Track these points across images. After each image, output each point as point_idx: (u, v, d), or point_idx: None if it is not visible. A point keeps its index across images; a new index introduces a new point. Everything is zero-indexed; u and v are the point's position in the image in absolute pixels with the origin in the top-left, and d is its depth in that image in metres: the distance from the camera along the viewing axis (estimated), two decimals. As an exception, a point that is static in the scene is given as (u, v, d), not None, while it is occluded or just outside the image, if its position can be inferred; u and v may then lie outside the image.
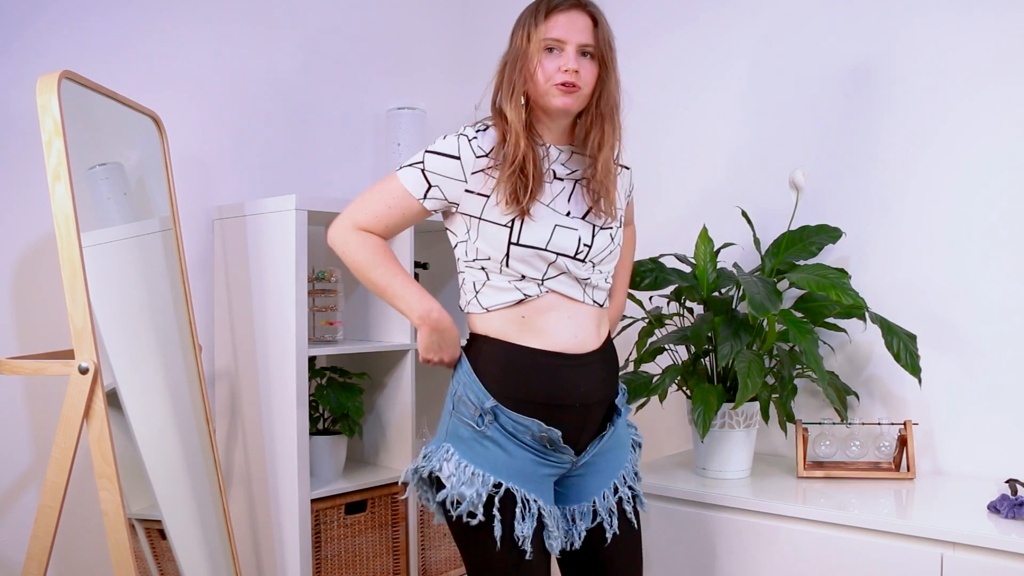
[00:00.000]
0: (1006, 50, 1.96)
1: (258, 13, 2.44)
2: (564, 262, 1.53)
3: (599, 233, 1.57)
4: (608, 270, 1.62)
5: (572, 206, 1.57)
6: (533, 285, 1.53)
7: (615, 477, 1.61)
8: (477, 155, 1.53)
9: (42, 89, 1.53)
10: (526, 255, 1.52)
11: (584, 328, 1.56)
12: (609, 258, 1.60)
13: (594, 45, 1.53)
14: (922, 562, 1.60)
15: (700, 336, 1.95)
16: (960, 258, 2.02)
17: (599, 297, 1.60)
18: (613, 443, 1.61)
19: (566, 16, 1.51)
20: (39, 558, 1.53)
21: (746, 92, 2.35)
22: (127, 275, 1.85)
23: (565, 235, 1.53)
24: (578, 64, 1.51)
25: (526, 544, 1.48)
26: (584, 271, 1.55)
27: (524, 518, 1.48)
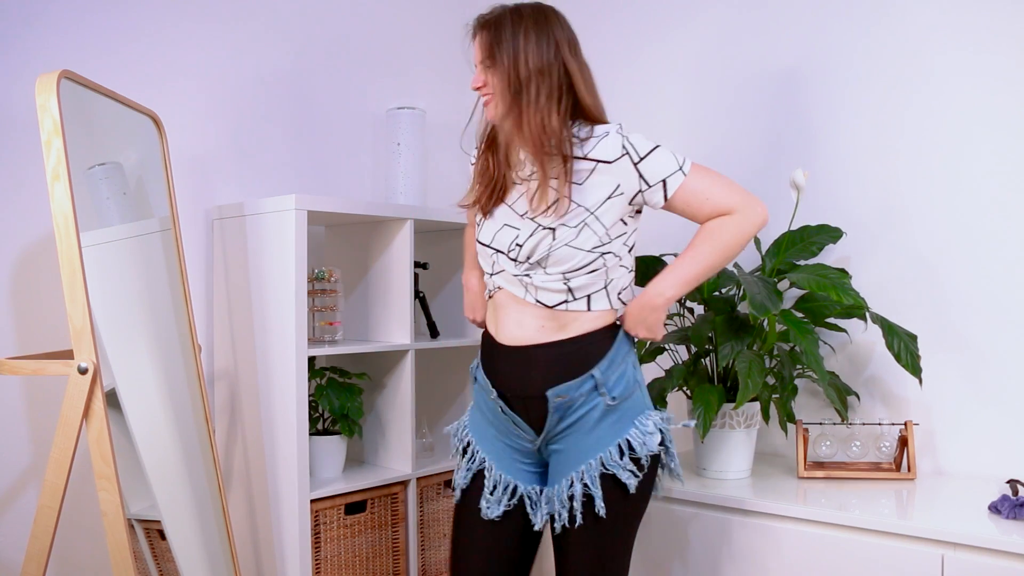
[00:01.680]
0: (1008, 50, 1.95)
1: (258, 13, 2.43)
2: (500, 259, 1.63)
3: (537, 232, 1.58)
4: (561, 271, 1.57)
5: (531, 205, 1.62)
6: (490, 280, 1.67)
7: (575, 470, 1.57)
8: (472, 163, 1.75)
9: (41, 89, 1.53)
10: (480, 250, 1.68)
11: (526, 326, 1.60)
12: (556, 259, 1.56)
13: (487, 54, 1.61)
14: (923, 563, 1.60)
15: (700, 336, 1.95)
16: (961, 258, 2.02)
17: (547, 298, 1.58)
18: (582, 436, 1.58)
19: (471, 44, 1.65)
20: (38, 558, 1.53)
21: (746, 91, 2.35)
22: (126, 275, 1.85)
23: (506, 233, 1.62)
24: (479, 79, 1.62)
25: (457, 491, 1.68)
26: (518, 269, 1.60)
27: (464, 469, 1.68)
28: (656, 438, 1.58)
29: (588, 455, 1.57)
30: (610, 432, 1.57)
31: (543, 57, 1.57)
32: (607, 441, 1.57)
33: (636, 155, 1.57)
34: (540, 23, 1.59)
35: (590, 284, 1.58)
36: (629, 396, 1.59)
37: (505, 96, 1.58)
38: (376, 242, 2.40)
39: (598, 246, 1.57)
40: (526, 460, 1.66)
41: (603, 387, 1.57)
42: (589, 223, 1.56)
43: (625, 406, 1.59)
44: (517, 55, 1.57)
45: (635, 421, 1.58)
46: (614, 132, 1.59)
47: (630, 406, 1.59)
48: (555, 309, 1.58)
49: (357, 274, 2.47)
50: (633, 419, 1.58)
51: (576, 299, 1.58)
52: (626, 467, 1.55)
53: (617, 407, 1.58)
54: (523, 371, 1.60)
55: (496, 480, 1.63)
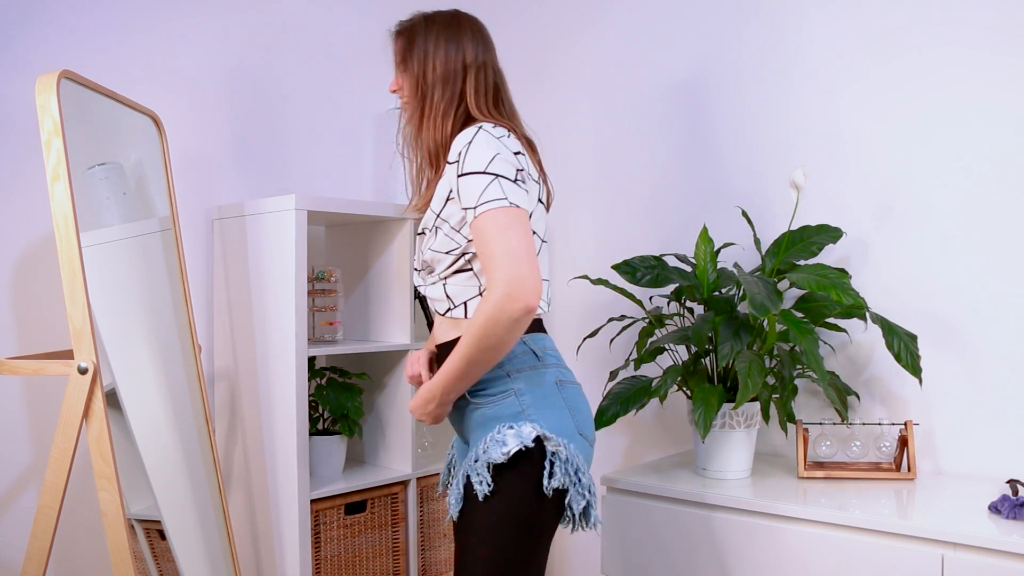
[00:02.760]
0: (1010, 48, 1.95)
1: (258, 13, 2.43)
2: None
3: (417, 240, 1.65)
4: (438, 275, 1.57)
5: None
6: None
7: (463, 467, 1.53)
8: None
9: (41, 89, 1.53)
10: None
11: (438, 330, 1.65)
12: (427, 262, 1.59)
13: (396, 61, 1.68)
14: (923, 563, 1.60)
15: (700, 336, 1.94)
16: (961, 258, 2.02)
17: (438, 307, 1.61)
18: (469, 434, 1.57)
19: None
20: (38, 558, 1.53)
21: (747, 91, 2.35)
22: (126, 275, 1.85)
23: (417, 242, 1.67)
24: (394, 83, 1.68)
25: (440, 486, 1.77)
26: (419, 278, 1.65)
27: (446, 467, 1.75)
28: (503, 448, 1.44)
29: (466, 455, 1.56)
30: (480, 433, 1.51)
31: (448, 64, 1.60)
32: (475, 443, 1.52)
33: (462, 167, 1.47)
34: (452, 30, 1.62)
35: (464, 291, 1.54)
36: (496, 402, 1.51)
37: (412, 101, 1.64)
38: (376, 242, 2.40)
39: (453, 249, 1.53)
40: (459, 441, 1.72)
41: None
42: (439, 226, 1.54)
43: (491, 411, 1.51)
44: (424, 62, 1.62)
45: (496, 427, 1.48)
46: (468, 133, 1.50)
47: (497, 412, 1.50)
48: (445, 316, 1.59)
49: (357, 274, 2.47)
50: (496, 425, 1.49)
51: (456, 306, 1.55)
52: (476, 471, 1.46)
53: (483, 410, 1.52)
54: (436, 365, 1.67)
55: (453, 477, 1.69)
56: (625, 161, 2.58)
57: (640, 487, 1.99)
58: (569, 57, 2.70)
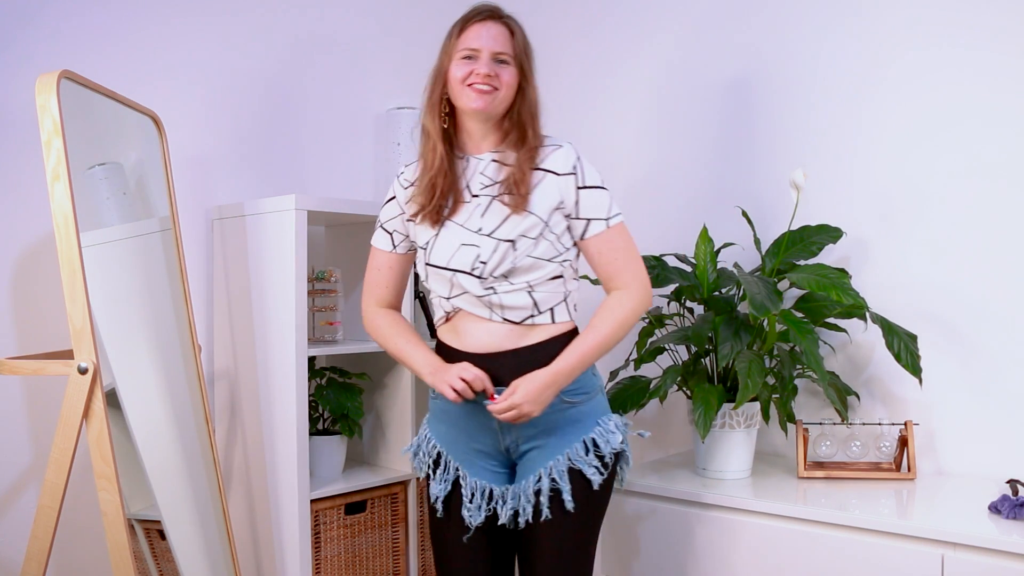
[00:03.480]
0: (1009, 47, 1.95)
1: (258, 12, 2.43)
2: (460, 279, 1.62)
3: (500, 247, 1.60)
4: (526, 281, 1.60)
5: (485, 221, 1.64)
6: (447, 303, 1.67)
7: (543, 466, 1.62)
8: (404, 187, 1.72)
9: (41, 89, 1.53)
10: (435, 274, 1.66)
11: (488, 333, 1.63)
12: (520, 270, 1.60)
13: (510, 54, 1.64)
14: (923, 563, 1.60)
15: (700, 336, 1.95)
16: (961, 258, 2.02)
17: (513, 315, 1.62)
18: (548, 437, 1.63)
19: (482, 27, 1.64)
20: (38, 558, 1.53)
21: (747, 91, 2.35)
22: (126, 275, 1.85)
23: (466, 252, 1.62)
24: (491, 69, 1.62)
25: (438, 503, 1.68)
26: (481, 288, 1.61)
27: (441, 481, 1.68)
28: (618, 437, 1.65)
29: (555, 452, 1.62)
30: (574, 431, 1.64)
31: (533, 69, 1.67)
32: (572, 439, 1.63)
33: (582, 179, 1.63)
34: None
35: (552, 296, 1.63)
36: (590, 399, 1.66)
37: (510, 95, 1.64)
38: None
39: (557, 256, 1.62)
40: (493, 462, 1.68)
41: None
42: (545, 233, 1.61)
43: (586, 408, 1.65)
44: (529, 59, 1.66)
45: (598, 421, 1.66)
46: (568, 146, 1.65)
47: (591, 408, 1.66)
48: (522, 325, 1.62)
49: (357, 274, 2.46)
50: (596, 419, 1.66)
51: (541, 312, 1.62)
52: (591, 463, 1.62)
53: (578, 408, 1.64)
54: (492, 374, 1.61)
55: (472, 488, 1.66)
56: (625, 161, 2.58)
57: (640, 487, 1.99)
58: (568, 59, 2.70)
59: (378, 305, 1.78)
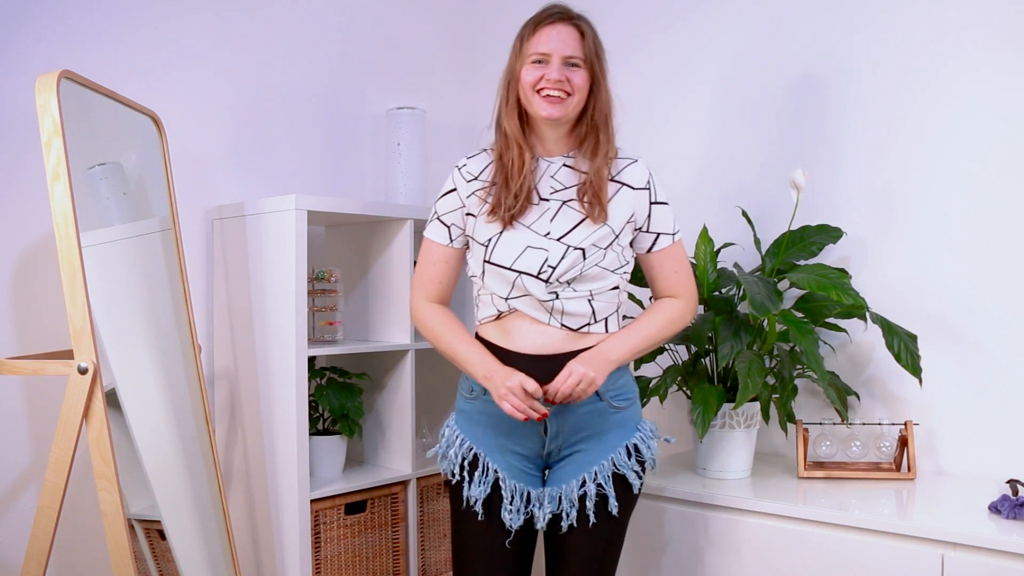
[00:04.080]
0: (1009, 47, 1.95)
1: (258, 13, 2.43)
2: (525, 281, 1.61)
3: (569, 253, 1.60)
4: (589, 290, 1.62)
5: (554, 225, 1.64)
6: (503, 303, 1.64)
7: (587, 471, 1.64)
8: (467, 180, 1.69)
9: (41, 89, 1.53)
10: (494, 272, 1.64)
11: (551, 339, 1.63)
12: (586, 278, 1.62)
13: (581, 57, 1.62)
14: (923, 563, 1.60)
15: (700, 336, 1.95)
16: (961, 258, 2.02)
17: (571, 322, 1.63)
18: (594, 439, 1.65)
19: (552, 29, 1.62)
20: (38, 558, 1.53)
21: (747, 91, 2.35)
22: (126, 275, 1.85)
23: (533, 255, 1.61)
24: (562, 74, 1.60)
25: (477, 505, 1.64)
26: (546, 293, 1.61)
27: (480, 483, 1.65)
28: (655, 443, 1.71)
29: (600, 457, 1.65)
30: (617, 436, 1.66)
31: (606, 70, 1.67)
32: (616, 444, 1.66)
33: (655, 195, 1.69)
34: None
35: (609, 306, 1.66)
36: (631, 405, 1.70)
37: (582, 99, 1.63)
38: (376, 242, 2.40)
39: (619, 267, 1.66)
40: (530, 465, 1.69)
41: (605, 394, 1.65)
42: (614, 245, 1.64)
43: (627, 414, 1.69)
44: (600, 61, 1.65)
45: (637, 427, 1.70)
46: (640, 161, 1.69)
47: (631, 414, 1.70)
48: (579, 331, 1.64)
49: (357, 274, 2.47)
50: (635, 425, 1.69)
51: (597, 322, 1.65)
52: (633, 468, 1.66)
53: (621, 414, 1.67)
54: (547, 376, 1.60)
55: (512, 490, 1.66)
56: (625, 161, 2.58)
57: (640, 487, 1.99)
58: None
59: (429, 300, 1.74)
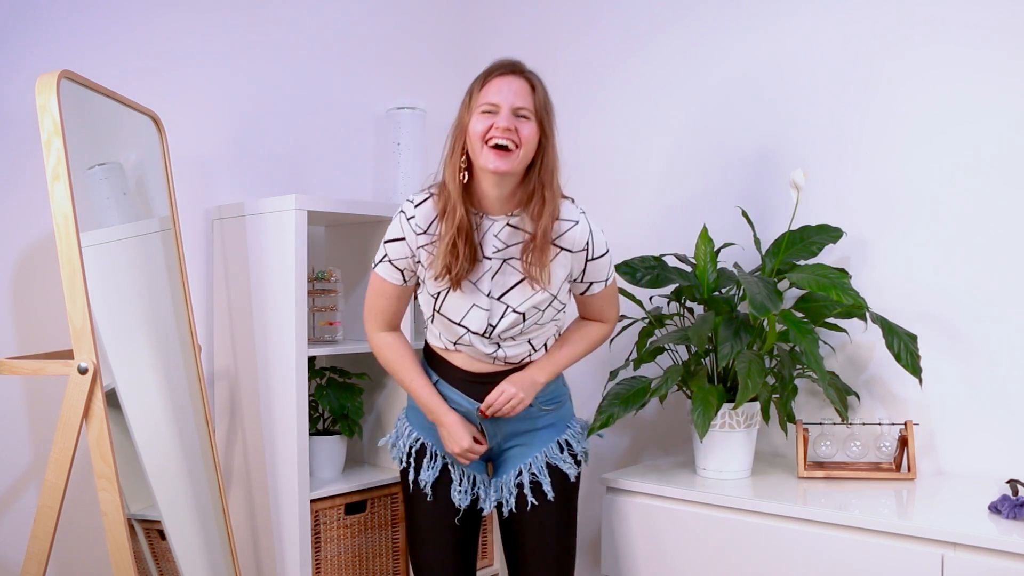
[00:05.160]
0: (1009, 46, 1.95)
1: (258, 13, 2.44)
2: (471, 337, 1.75)
3: (507, 315, 1.73)
4: (528, 339, 1.79)
5: (493, 285, 1.72)
6: (451, 344, 1.80)
7: (523, 462, 1.83)
8: (416, 232, 1.74)
9: (41, 89, 1.53)
10: (444, 323, 1.77)
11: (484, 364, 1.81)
12: (524, 334, 1.77)
13: (531, 109, 1.65)
14: (923, 563, 1.60)
15: (700, 336, 1.94)
16: (961, 258, 2.02)
17: (513, 357, 1.80)
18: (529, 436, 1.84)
19: (503, 81, 1.64)
20: (38, 558, 1.53)
21: (746, 91, 2.35)
22: (126, 275, 1.85)
23: (477, 315, 1.73)
24: (511, 123, 1.62)
25: (427, 488, 1.83)
26: (489, 347, 1.76)
27: (428, 468, 1.83)
28: (584, 438, 1.91)
29: (534, 451, 1.84)
30: (549, 434, 1.86)
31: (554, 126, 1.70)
32: (548, 440, 1.85)
33: (592, 253, 1.77)
34: None
35: (547, 335, 1.83)
36: (560, 406, 1.88)
37: (530, 152, 1.66)
38: (376, 242, 2.39)
39: (556, 316, 1.81)
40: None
41: (535, 400, 1.82)
42: (553, 304, 1.77)
43: (558, 414, 1.88)
44: (549, 116, 1.68)
45: (568, 424, 1.89)
46: (584, 222, 1.74)
47: (562, 414, 1.89)
48: (519, 363, 1.82)
49: (357, 274, 2.47)
50: (566, 423, 1.89)
51: (536, 351, 1.83)
52: (565, 460, 1.85)
53: (552, 414, 1.86)
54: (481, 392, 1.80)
55: (460, 473, 1.85)
56: (624, 162, 2.58)
57: (640, 487, 1.99)
58: (567, 58, 2.70)
59: (382, 330, 1.87)
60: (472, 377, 1.80)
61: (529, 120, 1.63)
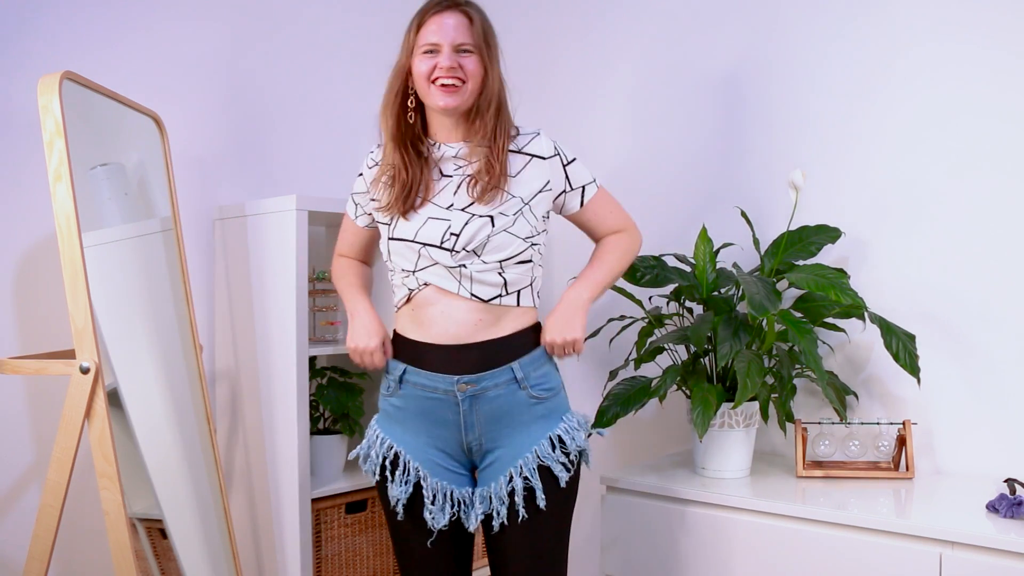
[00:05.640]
0: (1008, 45, 1.96)
1: (258, 13, 2.44)
2: (430, 251, 1.61)
3: (474, 220, 1.60)
4: (498, 259, 1.60)
5: (456, 198, 1.64)
6: (412, 278, 1.64)
7: (512, 465, 1.63)
8: (370, 166, 1.75)
9: (43, 90, 1.53)
10: (399, 247, 1.65)
11: (461, 323, 1.62)
12: (493, 247, 1.60)
13: (472, 43, 1.62)
14: (921, 561, 1.61)
15: (700, 336, 1.95)
16: (960, 258, 2.02)
17: (482, 292, 1.61)
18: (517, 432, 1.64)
19: (439, 18, 1.62)
20: (40, 558, 1.53)
21: (746, 90, 2.35)
22: (128, 275, 1.86)
23: (434, 226, 1.62)
24: (454, 61, 1.60)
25: (398, 506, 1.64)
26: (453, 260, 1.60)
27: (401, 483, 1.64)
28: (582, 434, 1.68)
29: (524, 450, 1.63)
30: (541, 428, 1.65)
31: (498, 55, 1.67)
32: (539, 436, 1.64)
33: (565, 158, 1.71)
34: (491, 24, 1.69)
35: (521, 279, 1.65)
36: (554, 395, 1.68)
37: (477, 85, 1.63)
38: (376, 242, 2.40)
39: (531, 236, 1.64)
40: (455, 463, 1.67)
41: (524, 381, 1.63)
42: (524, 213, 1.63)
43: (551, 404, 1.67)
44: (490, 45, 1.64)
45: (563, 418, 1.67)
46: (543, 134, 1.70)
47: (555, 405, 1.68)
48: (490, 303, 1.62)
49: (357, 274, 2.47)
50: (560, 416, 1.67)
51: (508, 293, 1.63)
52: (558, 460, 1.63)
53: (543, 404, 1.66)
54: (457, 367, 1.62)
55: (434, 489, 1.64)
56: (624, 161, 2.59)
57: (640, 487, 1.99)
58: (568, 57, 2.71)
59: (342, 256, 1.87)
60: (444, 350, 1.61)
61: (472, 53, 1.62)
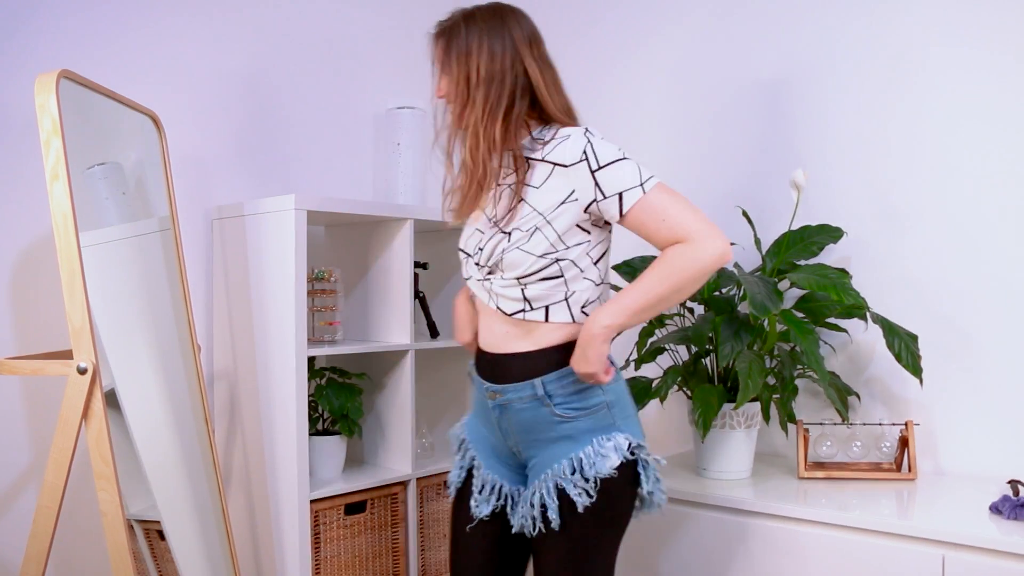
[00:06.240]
0: (1008, 46, 1.95)
1: (258, 12, 2.43)
2: (469, 264, 1.64)
3: (495, 236, 1.56)
4: (515, 276, 1.53)
5: (498, 209, 1.61)
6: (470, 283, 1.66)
7: (537, 479, 1.56)
8: None
9: (40, 88, 1.53)
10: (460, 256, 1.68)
11: (490, 331, 1.62)
12: (508, 264, 1.52)
13: (439, 63, 1.63)
14: (923, 563, 1.60)
15: (701, 336, 1.94)
16: (962, 258, 2.01)
17: (505, 306, 1.55)
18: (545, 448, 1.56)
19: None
20: (37, 559, 1.52)
21: (746, 91, 2.35)
22: (126, 275, 1.85)
23: (474, 238, 1.63)
24: (440, 87, 1.63)
25: (452, 488, 1.70)
26: (480, 274, 1.60)
27: (457, 467, 1.70)
28: (610, 462, 1.50)
29: (545, 467, 1.55)
30: (564, 448, 1.53)
31: (496, 61, 1.56)
32: (560, 456, 1.53)
33: (596, 163, 1.49)
34: (495, 25, 1.58)
35: (548, 295, 1.53)
36: (588, 414, 1.53)
37: (457, 103, 1.59)
38: (376, 242, 2.40)
39: (549, 252, 1.51)
40: (510, 461, 1.64)
41: (547, 399, 1.53)
42: (541, 227, 1.51)
43: (583, 424, 1.53)
44: (468, 61, 1.57)
45: (593, 440, 1.52)
46: (578, 135, 1.52)
47: (589, 425, 1.53)
48: (513, 317, 1.55)
49: (357, 274, 2.46)
50: (592, 438, 1.52)
51: (533, 309, 1.54)
52: (576, 484, 1.50)
53: (571, 424, 1.53)
54: (489, 375, 1.61)
55: (484, 479, 1.63)
56: (625, 161, 2.58)
57: (640, 487, 1.98)
58: (568, 58, 2.70)
59: None
60: (484, 358, 1.63)
61: (443, 74, 1.62)
